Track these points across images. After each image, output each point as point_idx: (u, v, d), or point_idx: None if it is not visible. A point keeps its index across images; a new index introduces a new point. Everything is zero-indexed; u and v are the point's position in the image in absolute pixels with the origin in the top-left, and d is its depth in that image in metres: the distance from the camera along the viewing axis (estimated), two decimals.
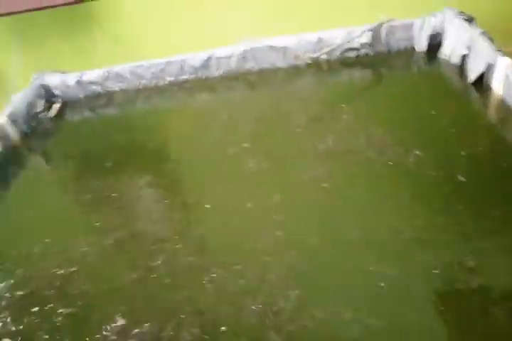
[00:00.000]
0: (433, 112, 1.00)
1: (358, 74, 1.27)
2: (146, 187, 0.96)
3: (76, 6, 1.24)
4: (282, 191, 0.86)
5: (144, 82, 1.34)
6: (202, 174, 0.97)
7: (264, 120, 1.11)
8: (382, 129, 0.97)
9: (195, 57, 1.29)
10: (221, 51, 1.28)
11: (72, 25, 1.36)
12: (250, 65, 1.30)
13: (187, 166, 1.02)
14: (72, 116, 1.36)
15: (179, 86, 1.33)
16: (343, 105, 1.11)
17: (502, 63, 0.97)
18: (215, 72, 1.31)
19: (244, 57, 1.28)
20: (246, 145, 1.01)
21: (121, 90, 1.36)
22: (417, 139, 0.93)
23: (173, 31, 1.36)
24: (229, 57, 1.28)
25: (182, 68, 1.31)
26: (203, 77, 1.32)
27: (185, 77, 1.33)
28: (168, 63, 1.31)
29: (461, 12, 1.17)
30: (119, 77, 1.34)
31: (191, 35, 1.36)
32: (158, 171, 1.02)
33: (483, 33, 1.08)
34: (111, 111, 1.35)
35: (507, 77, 0.95)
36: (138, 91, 1.35)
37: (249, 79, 1.30)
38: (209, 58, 1.29)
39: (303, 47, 1.25)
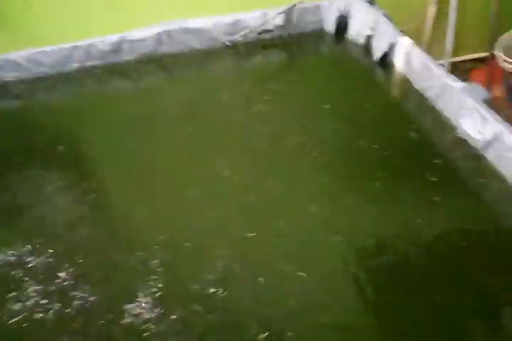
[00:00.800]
0: (344, 89, 1.08)
1: (273, 56, 1.30)
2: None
3: None
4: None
5: (44, 70, 1.21)
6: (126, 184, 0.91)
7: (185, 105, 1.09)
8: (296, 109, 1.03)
9: (104, 41, 1.19)
10: (134, 34, 1.20)
11: None
12: (165, 48, 1.24)
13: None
14: None
15: (86, 72, 1.22)
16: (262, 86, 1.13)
17: (403, 43, 1.07)
18: (127, 56, 1.23)
19: (159, 39, 1.22)
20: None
21: (18, 80, 1.20)
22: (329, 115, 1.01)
23: (80, 12, 1.23)
24: (142, 40, 1.21)
25: (89, 53, 1.20)
26: (114, 62, 1.23)
27: (92, 62, 1.22)
28: (74, 48, 1.19)
29: None
30: (13, 65, 1.18)
31: (100, 16, 1.24)
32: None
33: (385, 15, 1.17)
34: (5, 104, 1.19)
35: (407, 55, 1.06)
36: (38, 80, 1.21)
37: (164, 63, 1.25)
38: (120, 41, 1.20)
39: (219, 29, 1.23)
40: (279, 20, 1.25)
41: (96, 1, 1.20)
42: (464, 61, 1.76)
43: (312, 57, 1.30)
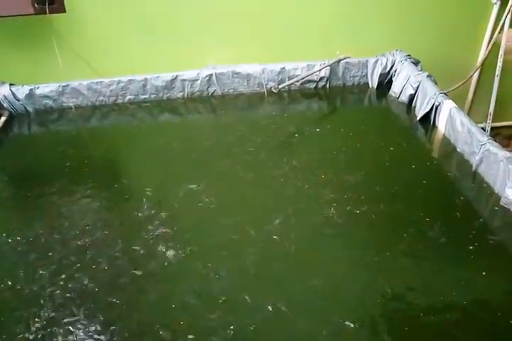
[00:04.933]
0: (382, 144, 1.09)
1: (315, 105, 1.35)
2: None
3: (36, 18, 1.17)
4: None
5: (102, 99, 1.30)
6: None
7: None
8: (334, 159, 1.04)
9: (159, 78, 1.28)
10: (186, 73, 1.28)
11: (30, 38, 1.28)
12: (213, 89, 1.32)
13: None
14: (20, 130, 1.27)
15: (139, 105, 1.31)
16: (299, 133, 1.16)
17: (447, 105, 1.09)
18: (178, 93, 1.31)
19: (208, 81, 1.30)
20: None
21: (76, 106, 1.30)
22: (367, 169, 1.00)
23: (136, 51, 1.34)
24: (194, 80, 1.29)
25: (144, 87, 1.30)
26: (165, 98, 1.31)
27: (146, 96, 1.31)
28: (130, 81, 1.28)
29: (409, 55, 1.31)
30: (75, 92, 1.28)
31: (155, 55, 1.35)
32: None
33: (429, 76, 1.21)
34: (63, 127, 1.28)
35: (450, 117, 1.07)
36: (94, 108, 1.30)
37: (212, 103, 1.32)
38: (173, 79, 1.29)
39: (266, 75, 1.30)
40: (324, 72, 1.31)
41: (157, 42, 1.31)
42: (506, 126, 1.75)
43: (353, 110, 1.34)
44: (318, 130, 1.18)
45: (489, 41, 1.49)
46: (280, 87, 1.31)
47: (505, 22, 1.43)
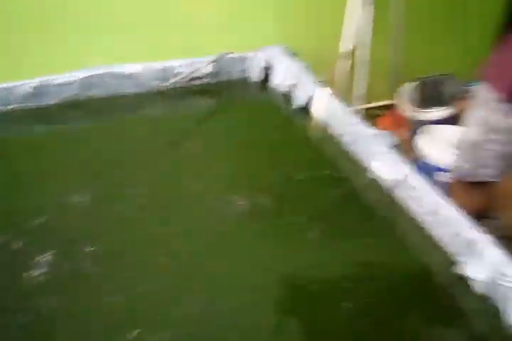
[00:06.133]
0: (267, 134, 1.16)
1: (203, 102, 1.35)
2: None
3: None
4: None
5: None
6: None
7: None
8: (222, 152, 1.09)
9: (26, 84, 1.16)
10: (60, 77, 1.18)
11: None
12: (93, 93, 1.24)
13: None
14: None
15: (3, 117, 1.17)
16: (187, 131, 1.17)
17: (322, 92, 1.19)
18: (50, 100, 1.20)
19: (87, 83, 1.22)
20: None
21: None
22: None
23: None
24: (69, 83, 1.20)
25: (6, 97, 1.16)
26: (34, 107, 1.19)
27: (11, 106, 1.17)
28: None
29: (287, 48, 1.39)
30: None
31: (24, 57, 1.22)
32: None
33: (306, 67, 1.30)
34: None
35: (325, 103, 1.17)
36: None
37: (92, 107, 1.24)
38: (42, 85, 1.17)
39: (149, 75, 1.27)
40: (209, 69, 1.32)
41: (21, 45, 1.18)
42: (374, 107, 1.97)
43: (238, 104, 1.37)
44: (206, 127, 1.20)
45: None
46: (164, 85, 1.28)
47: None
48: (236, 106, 1.36)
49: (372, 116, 1.96)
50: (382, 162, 0.96)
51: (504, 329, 0.65)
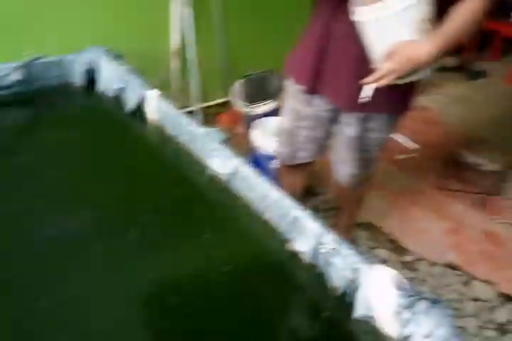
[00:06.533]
0: (108, 150, 1.10)
1: (15, 114, 1.21)
2: None
3: None
4: None
5: None
6: None
7: None
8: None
9: None
10: None
11: None
12: None
13: None
14: None
15: None
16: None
17: (151, 95, 1.18)
18: None
19: None
20: None
21: None
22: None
23: None
24: None
25: None
26: None
27: None
28: None
29: (109, 50, 1.32)
30: None
31: None
32: None
33: (133, 70, 1.26)
34: None
35: (156, 106, 1.17)
36: None
37: None
38: None
39: None
40: (18, 76, 1.18)
41: None
42: (212, 106, 2.04)
43: (62, 113, 1.26)
44: (24, 141, 1.08)
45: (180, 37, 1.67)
46: None
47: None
48: (58, 115, 1.24)
49: (212, 114, 2.03)
50: (215, 158, 1.00)
51: (330, 291, 0.75)
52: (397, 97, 1.04)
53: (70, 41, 1.39)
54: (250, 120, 1.68)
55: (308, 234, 0.79)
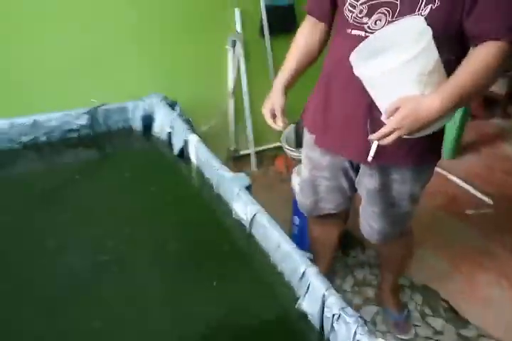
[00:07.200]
0: (152, 188, 1.17)
1: (82, 154, 1.35)
2: None
3: None
4: None
5: None
6: None
7: None
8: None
9: None
10: None
11: None
12: None
13: None
14: None
15: None
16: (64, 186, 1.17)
17: (192, 139, 1.24)
18: None
19: None
20: None
21: None
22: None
23: None
24: None
25: None
26: None
27: None
28: None
29: (166, 97, 1.44)
30: None
31: None
32: None
33: (180, 115, 1.36)
34: None
35: (196, 149, 1.22)
36: None
37: None
38: None
39: (18, 130, 1.26)
40: (84, 120, 1.33)
41: None
42: (271, 148, 2.06)
43: (121, 154, 1.39)
44: (86, 180, 1.20)
45: (234, 84, 1.76)
46: (29, 138, 1.26)
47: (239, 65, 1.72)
48: (118, 157, 1.37)
49: (268, 157, 2.05)
50: (237, 203, 1.01)
51: None
52: (421, 147, 0.91)
53: (131, 89, 1.53)
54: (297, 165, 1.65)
55: (315, 295, 0.74)
